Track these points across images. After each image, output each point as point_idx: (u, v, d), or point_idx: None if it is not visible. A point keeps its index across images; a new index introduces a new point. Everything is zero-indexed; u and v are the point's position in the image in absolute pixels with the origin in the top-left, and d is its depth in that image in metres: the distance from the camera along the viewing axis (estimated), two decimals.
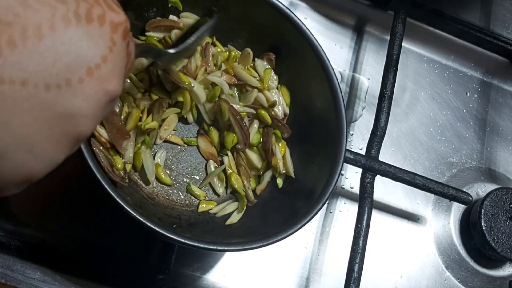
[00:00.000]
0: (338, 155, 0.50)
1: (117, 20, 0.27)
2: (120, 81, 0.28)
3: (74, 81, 0.25)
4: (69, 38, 0.25)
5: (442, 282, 0.63)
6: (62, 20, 0.25)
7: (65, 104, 0.25)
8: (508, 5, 0.76)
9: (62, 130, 0.26)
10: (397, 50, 0.63)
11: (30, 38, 0.24)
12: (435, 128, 0.69)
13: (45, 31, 0.24)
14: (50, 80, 0.24)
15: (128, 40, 0.29)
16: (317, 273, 0.59)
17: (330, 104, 0.52)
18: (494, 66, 0.74)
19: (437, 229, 0.65)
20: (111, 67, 0.27)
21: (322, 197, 0.48)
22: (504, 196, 0.63)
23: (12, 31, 0.23)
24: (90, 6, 0.26)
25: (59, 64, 0.25)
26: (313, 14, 0.68)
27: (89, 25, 0.26)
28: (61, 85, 0.25)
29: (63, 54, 0.25)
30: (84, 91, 0.26)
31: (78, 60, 0.25)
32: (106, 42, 0.27)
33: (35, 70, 0.24)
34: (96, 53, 0.26)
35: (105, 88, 0.27)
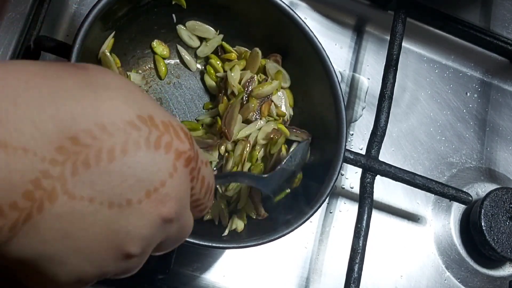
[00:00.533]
0: (337, 155, 0.50)
1: (182, 149, 0.29)
2: (176, 205, 0.30)
3: (134, 201, 0.27)
4: (136, 162, 0.27)
5: (442, 282, 0.63)
6: (134, 145, 0.27)
7: (122, 222, 0.28)
8: (508, 5, 0.76)
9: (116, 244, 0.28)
10: (397, 50, 0.63)
11: (103, 160, 0.26)
12: (435, 128, 0.69)
13: (117, 154, 0.27)
14: (114, 199, 0.27)
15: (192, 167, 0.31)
16: (317, 273, 0.59)
17: (330, 104, 0.52)
18: (494, 66, 0.74)
19: (437, 229, 0.65)
20: (168, 191, 0.29)
21: (321, 196, 0.48)
22: (504, 196, 0.63)
23: (89, 152, 0.26)
24: (161, 134, 0.28)
25: (123, 185, 0.27)
26: (313, 14, 0.68)
27: (156, 152, 0.28)
28: (122, 204, 0.27)
29: (128, 176, 0.27)
30: (140, 211, 0.28)
31: (141, 183, 0.27)
32: (168, 168, 0.29)
33: (102, 189, 0.26)
34: (156, 178, 0.28)
35: (159, 210, 0.29)
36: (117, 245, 0.28)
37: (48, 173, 0.25)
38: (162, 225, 0.29)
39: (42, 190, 0.25)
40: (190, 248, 0.54)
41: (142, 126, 0.28)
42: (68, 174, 0.25)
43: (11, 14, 0.52)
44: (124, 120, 0.27)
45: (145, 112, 0.28)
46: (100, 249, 0.28)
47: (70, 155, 0.25)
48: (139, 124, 0.28)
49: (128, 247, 0.29)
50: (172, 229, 0.31)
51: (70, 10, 0.59)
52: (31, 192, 0.24)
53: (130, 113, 0.27)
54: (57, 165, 0.25)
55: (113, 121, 0.27)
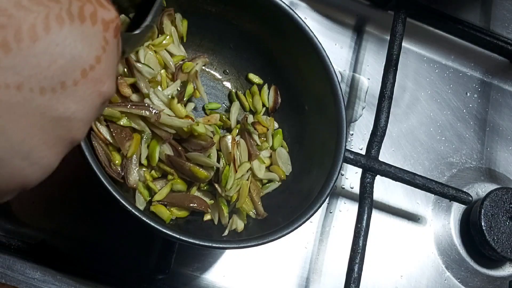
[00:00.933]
0: (337, 155, 0.50)
1: (108, 18, 0.27)
2: (113, 81, 0.27)
3: (69, 83, 0.25)
4: (63, 39, 0.24)
5: (442, 282, 0.63)
6: (56, 20, 0.24)
7: (60, 108, 0.25)
8: (508, 5, 0.76)
9: (57, 134, 0.25)
10: (397, 50, 0.63)
11: (24, 40, 0.23)
12: (435, 128, 0.69)
13: (40, 32, 0.23)
14: (45, 83, 0.24)
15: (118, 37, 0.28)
16: (317, 273, 0.59)
17: (330, 104, 0.52)
18: (494, 66, 0.74)
19: (437, 229, 0.65)
20: (105, 67, 0.26)
21: (321, 196, 0.48)
22: (504, 196, 0.63)
23: (6, 33, 0.23)
24: (82, 3, 0.25)
25: (54, 67, 0.24)
26: (313, 14, 0.68)
27: (83, 25, 0.25)
28: (56, 89, 0.24)
29: (58, 56, 0.24)
30: (78, 93, 0.25)
31: (73, 62, 0.25)
32: (99, 42, 0.26)
33: (30, 73, 0.23)
34: (90, 54, 0.25)
35: (99, 90, 0.26)
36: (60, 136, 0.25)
37: None
38: (102, 103, 0.27)
39: None
40: (190, 248, 0.54)
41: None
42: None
43: None
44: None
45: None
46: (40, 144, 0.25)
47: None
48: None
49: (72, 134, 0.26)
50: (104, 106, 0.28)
51: None
52: None
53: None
54: None
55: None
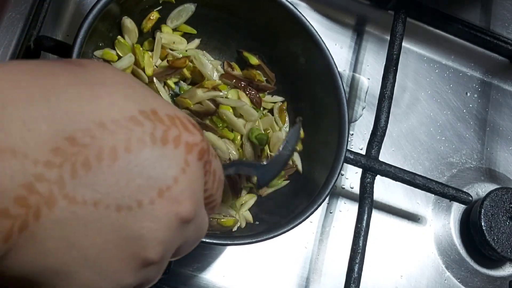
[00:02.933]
0: (338, 154, 0.50)
1: (192, 141, 0.27)
2: (192, 203, 0.27)
3: (145, 202, 0.25)
4: (143, 160, 0.25)
5: (442, 282, 0.63)
6: (138, 142, 0.25)
7: (135, 226, 0.25)
8: (508, 5, 0.76)
9: (131, 252, 0.25)
10: (397, 50, 0.63)
11: (105, 160, 0.24)
12: (435, 128, 0.69)
13: (120, 153, 0.24)
14: (121, 201, 0.24)
15: (205, 161, 0.28)
16: (317, 273, 0.59)
17: (332, 104, 0.52)
18: (494, 66, 0.74)
19: (437, 229, 0.65)
20: (183, 189, 0.26)
21: (321, 196, 0.48)
22: (504, 196, 0.63)
23: (88, 153, 0.24)
24: (167, 128, 0.26)
25: (131, 186, 0.25)
26: (313, 14, 0.68)
27: (164, 147, 0.26)
28: (132, 207, 0.25)
29: (136, 175, 0.25)
30: (154, 213, 0.25)
31: (150, 182, 0.25)
32: (179, 164, 0.26)
33: (107, 191, 0.24)
34: (168, 175, 0.26)
35: (175, 210, 0.26)
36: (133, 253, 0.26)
37: (43, 176, 0.23)
38: (179, 227, 0.27)
39: (37, 195, 0.22)
40: None
41: (145, 121, 0.25)
42: (67, 177, 0.23)
43: (11, 14, 0.52)
44: (125, 116, 0.25)
45: (147, 106, 0.26)
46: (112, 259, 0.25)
47: (68, 156, 0.23)
48: (142, 119, 0.25)
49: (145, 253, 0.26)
50: (190, 229, 0.29)
51: (70, 10, 0.59)
52: (24, 197, 0.22)
53: (131, 108, 0.25)
54: (53, 168, 0.23)
55: (113, 118, 0.25)
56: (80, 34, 0.44)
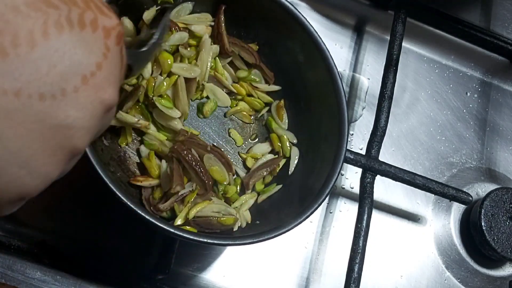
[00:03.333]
0: (338, 154, 0.50)
1: (109, 25, 0.26)
2: (115, 89, 0.27)
3: (68, 90, 0.24)
4: (62, 45, 0.24)
5: (442, 282, 0.63)
6: (55, 26, 0.24)
7: (60, 115, 0.24)
8: (508, 5, 0.76)
9: (57, 143, 0.25)
10: (397, 50, 0.63)
11: (22, 45, 0.23)
12: (435, 128, 0.69)
13: (38, 38, 0.23)
14: (44, 89, 0.23)
15: (121, 46, 0.28)
16: (317, 273, 0.59)
17: (332, 104, 0.52)
18: (494, 66, 0.74)
19: (437, 229, 0.65)
20: (106, 75, 0.26)
21: (320, 196, 0.48)
22: (504, 196, 0.63)
23: (3, 38, 0.22)
24: (82, 11, 0.25)
25: (53, 73, 0.24)
26: (313, 14, 0.68)
27: (82, 31, 0.25)
28: (56, 95, 0.24)
29: (57, 62, 0.24)
30: (79, 100, 0.25)
31: (73, 68, 0.24)
32: (100, 49, 0.26)
33: (28, 79, 0.23)
34: (90, 60, 0.25)
35: (100, 97, 0.25)
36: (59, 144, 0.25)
37: None
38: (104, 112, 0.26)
39: None
40: (190, 248, 0.54)
41: (59, 3, 0.24)
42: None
43: None
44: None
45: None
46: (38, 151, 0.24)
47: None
48: (56, 1, 0.24)
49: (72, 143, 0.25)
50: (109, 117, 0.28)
51: None
52: None
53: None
54: None
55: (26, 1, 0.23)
56: None
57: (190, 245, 0.55)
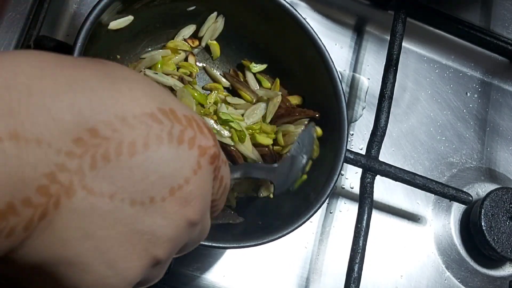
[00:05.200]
0: (338, 155, 0.50)
1: (206, 145, 0.28)
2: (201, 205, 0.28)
3: (157, 199, 0.25)
4: (159, 157, 0.25)
5: (442, 282, 0.63)
6: (156, 139, 0.25)
7: (147, 222, 0.25)
8: (508, 5, 0.76)
9: (142, 248, 0.26)
10: (397, 50, 0.63)
11: (123, 154, 0.24)
12: (435, 128, 0.69)
13: (139, 148, 0.25)
14: (136, 196, 0.25)
15: (216, 165, 0.29)
16: (317, 273, 0.59)
17: (332, 104, 0.52)
18: (494, 66, 0.74)
19: (437, 229, 0.65)
20: (192, 190, 0.27)
21: (321, 196, 0.48)
22: (504, 196, 0.63)
23: (109, 145, 0.24)
24: (184, 128, 0.27)
25: (146, 181, 0.25)
26: (313, 14, 0.68)
27: (179, 147, 0.26)
28: (145, 202, 0.25)
29: (151, 172, 0.25)
30: (165, 210, 0.26)
31: (164, 180, 0.26)
32: (192, 165, 0.27)
33: (123, 185, 0.24)
34: (181, 174, 0.26)
35: (184, 211, 0.27)
36: (143, 249, 0.26)
37: (65, 166, 0.23)
38: (187, 227, 0.27)
39: (58, 185, 0.23)
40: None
41: (164, 119, 0.26)
42: (87, 168, 0.23)
43: (11, 14, 0.52)
44: (145, 112, 0.25)
45: (166, 105, 0.26)
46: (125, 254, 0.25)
47: (89, 147, 0.23)
48: (161, 117, 0.26)
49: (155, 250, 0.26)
50: (196, 231, 0.29)
51: (70, 10, 0.59)
52: (46, 186, 0.22)
53: (151, 105, 0.26)
54: (75, 158, 0.23)
55: (134, 113, 0.25)
56: (82, 34, 0.43)
57: None
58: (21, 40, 0.51)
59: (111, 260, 0.25)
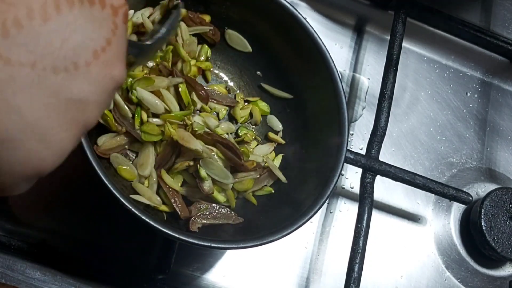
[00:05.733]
0: (338, 155, 0.50)
1: (117, 4, 0.27)
2: (124, 66, 0.28)
3: (81, 64, 0.25)
4: (74, 20, 0.25)
5: (442, 282, 0.63)
6: (66, 2, 0.24)
7: (74, 89, 0.25)
8: (508, 5, 0.76)
9: (72, 116, 0.25)
10: (397, 50, 0.63)
11: (36, 18, 0.23)
12: (435, 128, 0.69)
13: (51, 12, 0.24)
14: (58, 63, 0.24)
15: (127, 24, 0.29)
16: (317, 273, 0.59)
17: (332, 104, 0.52)
18: (494, 66, 0.74)
19: (437, 229, 0.65)
20: (116, 51, 0.27)
21: (322, 197, 0.48)
22: (504, 196, 0.63)
23: (17, 11, 0.23)
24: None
25: (66, 47, 0.24)
26: (313, 14, 0.68)
27: (92, 8, 0.26)
28: (69, 69, 0.24)
29: (69, 36, 0.24)
30: (91, 75, 0.25)
31: (84, 43, 0.25)
32: (109, 25, 0.26)
33: (42, 52, 0.23)
34: (100, 36, 0.26)
35: (110, 73, 0.26)
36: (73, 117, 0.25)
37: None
38: (114, 87, 0.27)
39: None
40: (190, 248, 0.54)
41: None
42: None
43: None
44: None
45: None
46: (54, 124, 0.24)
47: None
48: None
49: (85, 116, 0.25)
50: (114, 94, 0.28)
51: None
52: None
53: None
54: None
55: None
56: None
57: None
58: None
59: (41, 133, 0.24)
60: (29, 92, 0.23)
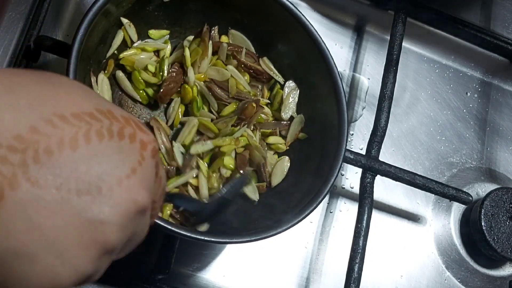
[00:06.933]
0: (338, 154, 0.50)
1: (146, 140, 0.29)
2: (148, 194, 0.29)
3: (104, 189, 0.27)
4: (101, 150, 0.27)
5: (442, 282, 0.63)
6: (96, 134, 0.27)
7: (95, 210, 0.26)
8: (508, 5, 0.76)
9: (91, 236, 0.26)
10: (397, 50, 0.63)
11: (66, 148, 0.26)
12: (435, 128, 0.69)
13: (81, 142, 0.26)
14: (82, 186, 0.26)
15: (157, 160, 0.30)
16: (317, 273, 0.59)
17: (332, 104, 0.52)
18: (494, 66, 0.74)
19: (437, 229, 0.65)
20: (140, 179, 0.28)
21: (320, 195, 0.48)
22: (504, 196, 0.63)
23: (50, 140, 0.25)
24: (122, 125, 0.28)
25: (91, 173, 0.26)
26: (313, 14, 0.68)
27: (121, 141, 0.28)
28: (92, 192, 0.26)
29: (95, 164, 0.26)
30: (113, 199, 0.27)
31: (109, 171, 0.27)
32: (136, 157, 0.28)
33: (68, 176, 0.26)
34: (126, 166, 0.28)
35: (133, 198, 0.28)
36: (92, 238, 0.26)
37: (6, 159, 0.24)
38: (135, 215, 0.28)
39: (1, 176, 0.24)
40: (190, 248, 0.54)
41: (102, 118, 0.28)
42: (30, 161, 0.25)
43: (11, 14, 0.52)
44: (83, 111, 0.27)
45: (103, 106, 0.28)
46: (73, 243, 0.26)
47: (30, 143, 0.25)
48: (99, 116, 0.28)
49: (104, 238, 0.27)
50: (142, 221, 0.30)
51: (70, 10, 0.59)
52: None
53: (88, 105, 0.27)
54: (17, 152, 0.24)
55: (73, 112, 0.27)
56: (79, 33, 0.44)
57: (190, 245, 0.55)
58: (21, 40, 0.51)
59: (58, 250, 0.26)
60: (52, 211, 0.25)
